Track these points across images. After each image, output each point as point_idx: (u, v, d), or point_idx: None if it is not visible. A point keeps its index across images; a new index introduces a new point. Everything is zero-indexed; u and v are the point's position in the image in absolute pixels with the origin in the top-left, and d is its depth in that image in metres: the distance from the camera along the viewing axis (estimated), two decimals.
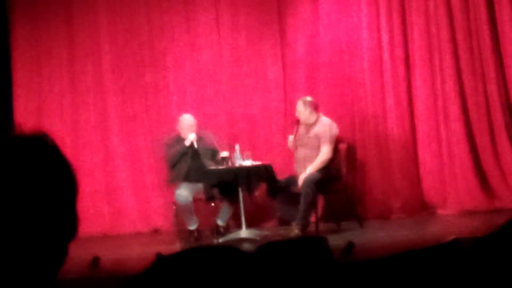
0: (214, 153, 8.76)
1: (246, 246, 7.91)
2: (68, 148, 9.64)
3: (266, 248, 1.94)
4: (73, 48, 10.12)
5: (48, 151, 1.43)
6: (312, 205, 8.27)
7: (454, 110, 9.12)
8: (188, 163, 8.73)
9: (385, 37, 9.41)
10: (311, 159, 8.47)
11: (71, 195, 1.45)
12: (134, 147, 10.02)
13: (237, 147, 8.59)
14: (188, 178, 8.71)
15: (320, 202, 8.95)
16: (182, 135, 8.85)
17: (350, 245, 6.62)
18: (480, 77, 9.07)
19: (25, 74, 10.13)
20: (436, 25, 9.19)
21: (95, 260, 6.88)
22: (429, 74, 9.25)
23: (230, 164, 8.50)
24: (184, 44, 10.00)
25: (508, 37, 8.92)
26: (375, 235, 8.23)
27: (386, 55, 9.40)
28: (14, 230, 1.36)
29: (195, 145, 8.73)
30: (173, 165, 8.78)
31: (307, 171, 8.38)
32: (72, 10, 10.12)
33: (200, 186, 8.65)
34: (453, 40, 9.15)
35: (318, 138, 8.52)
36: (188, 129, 8.82)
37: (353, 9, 9.56)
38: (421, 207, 9.21)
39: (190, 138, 8.73)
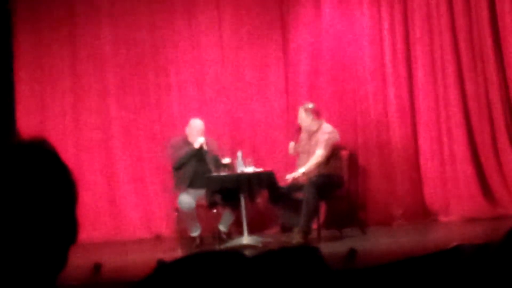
0: (217, 160, 8.77)
1: (248, 253, 7.89)
2: (70, 154, 9.66)
3: (263, 257, 1.94)
4: (76, 53, 10.12)
5: (47, 157, 1.43)
6: (314, 212, 8.25)
7: (456, 117, 9.12)
8: (194, 167, 8.75)
9: (387, 44, 9.42)
10: None
11: (71, 201, 1.45)
12: (136, 153, 10.03)
13: (239, 153, 8.58)
14: (193, 183, 8.72)
15: (322, 208, 8.95)
16: (190, 138, 8.86)
17: (352, 252, 6.61)
18: (482, 84, 9.07)
19: (27, 79, 10.12)
20: (439, 31, 9.19)
21: (97, 267, 6.87)
22: (431, 81, 9.25)
23: (232, 170, 8.51)
24: (187, 51, 10.01)
25: (509, 34, 8.91)
26: (378, 242, 8.22)
27: (388, 62, 9.41)
28: (13, 236, 1.36)
29: (205, 147, 8.74)
30: (179, 167, 8.79)
31: (299, 170, 8.40)
32: (74, 15, 10.14)
33: (202, 192, 8.65)
34: (456, 46, 9.15)
35: (318, 145, 8.52)
36: (197, 133, 8.84)
37: (355, 15, 9.57)
38: (423, 214, 9.21)
39: (200, 140, 8.74)
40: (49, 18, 10.16)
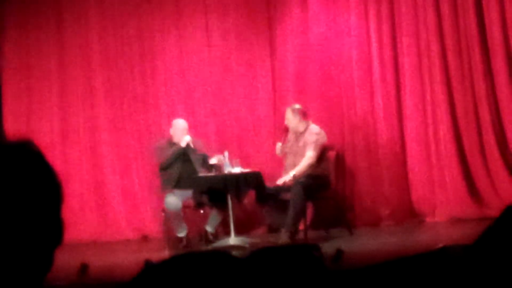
0: (205, 159, 8.76)
1: (235, 253, 7.88)
2: (57, 155, 9.65)
3: (259, 254, 1.93)
4: (63, 55, 10.10)
5: (32, 159, 1.43)
6: (301, 212, 8.25)
7: (443, 118, 9.14)
8: (180, 168, 8.74)
9: (374, 46, 9.44)
10: None
11: (56, 202, 1.44)
12: (123, 154, 10.01)
13: (226, 154, 8.59)
14: (179, 184, 8.71)
15: (309, 209, 8.95)
16: (175, 139, 8.86)
17: (339, 253, 6.61)
18: (469, 83, 9.09)
19: (14, 81, 10.10)
20: (426, 33, 9.21)
21: (84, 267, 6.85)
22: (419, 81, 9.27)
23: (219, 171, 8.50)
24: (174, 52, 10.01)
25: (497, 40, 8.93)
26: (365, 243, 8.23)
27: (375, 64, 9.42)
28: None
29: (191, 145, 8.73)
30: (166, 167, 8.77)
31: (290, 174, 8.39)
32: (62, 18, 10.11)
33: (189, 193, 8.64)
34: (443, 48, 9.17)
35: (306, 146, 8.52)
36: (181, 132, 8.83)
37: (342, 17, 9.58)
38: (411, 215, 9.22)
39: (186, 139, 8.74)
40: (37, 20, 10.13)
